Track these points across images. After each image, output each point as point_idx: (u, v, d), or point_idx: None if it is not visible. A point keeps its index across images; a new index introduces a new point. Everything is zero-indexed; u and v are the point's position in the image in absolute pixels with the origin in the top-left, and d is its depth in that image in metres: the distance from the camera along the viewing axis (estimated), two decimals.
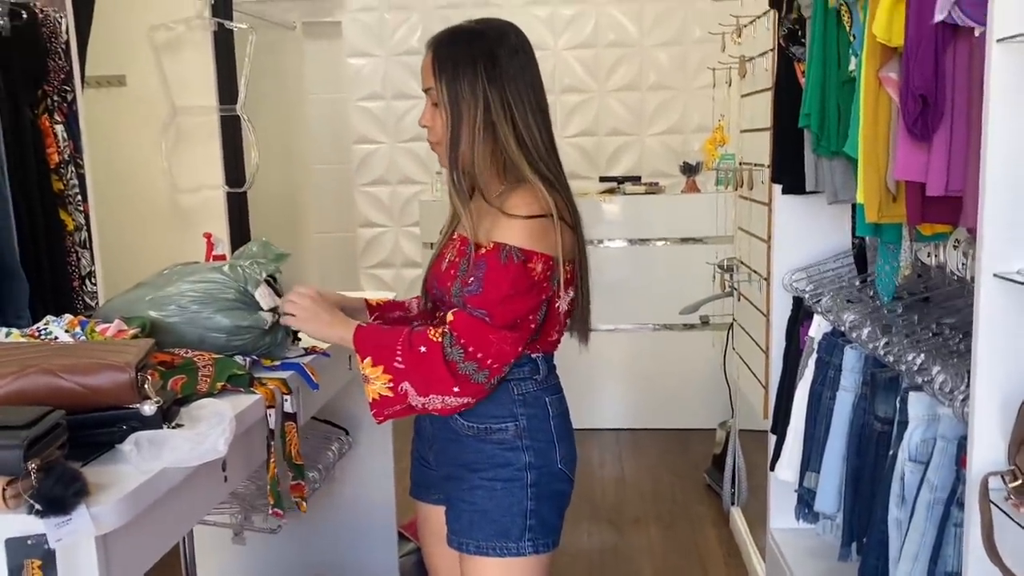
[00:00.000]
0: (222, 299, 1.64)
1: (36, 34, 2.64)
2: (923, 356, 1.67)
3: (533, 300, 1.54)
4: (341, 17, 5.04)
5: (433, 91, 1.59)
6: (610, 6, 4.92)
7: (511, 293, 1.51)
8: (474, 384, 1.52)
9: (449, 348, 1.51)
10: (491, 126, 1.56)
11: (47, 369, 1.24)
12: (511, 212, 1.54)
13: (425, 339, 1.52)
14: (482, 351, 1.51)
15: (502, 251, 1.52)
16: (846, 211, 2.36)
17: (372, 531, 2.55)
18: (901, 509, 1.65)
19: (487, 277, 1.52)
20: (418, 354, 1.51)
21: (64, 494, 1.06)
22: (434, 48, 1.61)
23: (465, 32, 1.62)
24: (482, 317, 1.51)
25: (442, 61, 1.58)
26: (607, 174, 4.81)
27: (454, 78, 1.56)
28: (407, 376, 1.52)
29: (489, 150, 1.59)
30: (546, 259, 1.54)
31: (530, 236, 1.53)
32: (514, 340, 1.53)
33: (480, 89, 1.55)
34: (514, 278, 1.51)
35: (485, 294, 1.52)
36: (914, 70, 1.49)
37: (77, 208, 2.76)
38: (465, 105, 1.56)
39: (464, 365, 1.51)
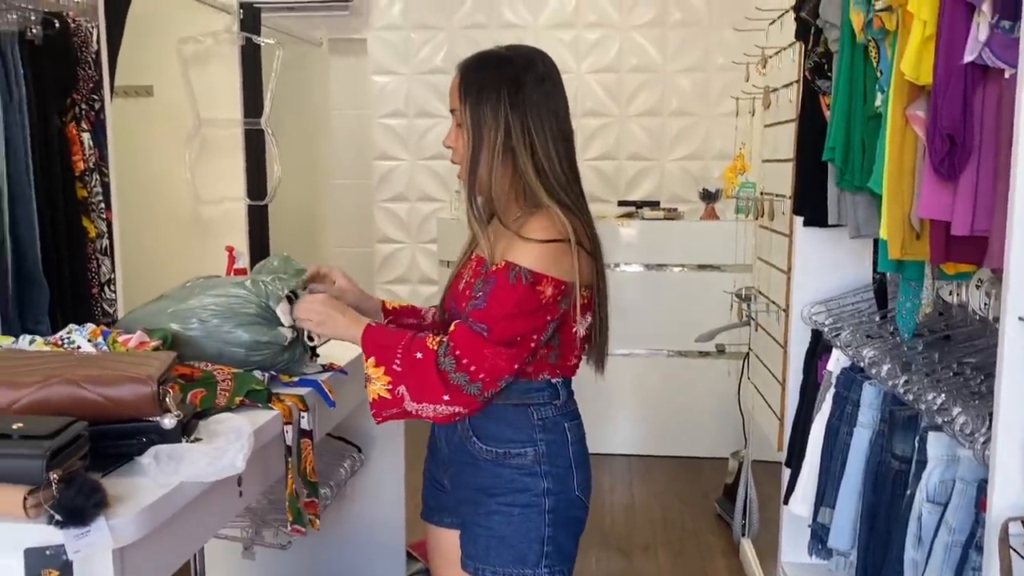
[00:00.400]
0: (243, 314, 1.65)
1: (68, 43, 2.68)
2: (943, 396, 1.65)
3: (537, 321, 1.54)
4: (367, 35, 5.09)
5: (458, 112, 1.62)
6: (634, 31, 4.94)
7: (514, 312, 1.52)
8: (466, 395, 1.53)
9: (443, 357, 1.52)
10: (511, 151, 1.58)
11: (70, 379, 1.25)
12: (527, 235, 1.55)
13: (422, 346, 1.54)
14: (475, 364, 1.51)
15: (511, 271, 1.53)
16: (867, 245, 2.35)
17: (380, 549, 2.54)
18: (918, 550, 1.63)
19: (492, 293, 1.53)
20: (414, 359, 1.53)
21: (84, 505, 1.07)
22: (462, 71, 1.63)
23: (493, 57, 1.64)
24: (480, 331, 1.52)
25: (468, 84, 1.61)
26: (626, 198, 4.82)
27: (478, 102, 1.58)
28: (403, 380, 1.53)
29: (508, 175, 1.60)
30: (557, 283, 1.54)
31: (543, 259, 1.53)
32: (509, 357, 1.53)
33: (502, 114, 1.57)
34: (520, 298, 1.52)
35: (488, 309, 1.53)
36: (942, 109, 1.48)
37: (100, 216, 2.79)
38: (487, 129, 1.58)
39: (455, 375, 1.51)
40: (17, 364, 1.32)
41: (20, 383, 1.25)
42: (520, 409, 1.61)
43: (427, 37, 5.08)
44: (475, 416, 1.62)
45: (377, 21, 5.09)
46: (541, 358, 1.61)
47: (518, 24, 4.99)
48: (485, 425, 1.62)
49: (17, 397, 1.23)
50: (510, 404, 1.61)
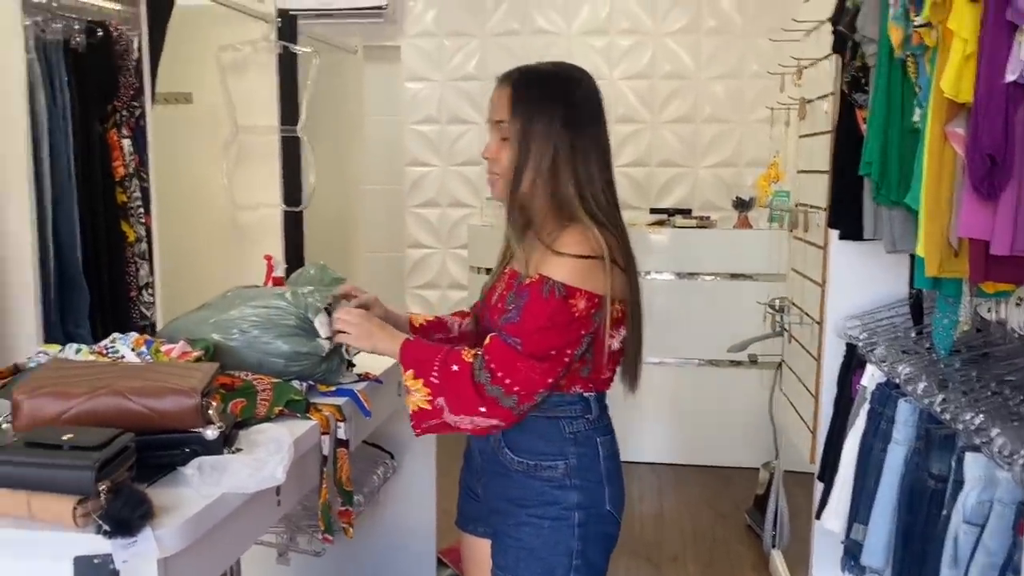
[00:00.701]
0: (283, 325, 1.68)
1: (110, 51, 2.73)
2: (982, 416, 1.64)
3: (571, 335, 1.55)
4: (401, 42, 5.13)
5: (505, 126, 1.61)
6: (667, 38, 4.94)
7: (547, 325, 1.53)
8: (502, 408, 1.54)
9: (478, 371, 1.54)
10: (556, 171, 1.59)
11: (117, 391, 1.28)
12: (560, 249, 1.55)
13: (458, 358, 1.56)
14: (510, 377, 1.53)
15: (545, 284, 1.54)
16: (903, 259, 2.33)
17: (412, 555, 2.56)
18: (953, 571, 1.62)
19: (526, 307, 1.54)
20: (450, 372, 1.55)
21: (131, 516, 1.09)
22: (513, 85, 1.62)
23: (545, 75, 1.64)
24: (514, 344, 1.53)
25: (520, 101, 1.60)
26: (657, 205, 4.81)
27: (529, 119, 1.58)
28: (441, 392, 1.55)
29: (549, 191, 1.61)
30: (590, 296, 1.54)
31: (576, 273, 1.54)
32: (543, 371, 1.54)
33: (553, 133, 1.58)
34: (553, 312, 1.53)
35: (521, 323, 1.54)
36: (983, 128, 1.47)
37: (139, 220, 2.83)
38: (536, 147, 1.58)
39: (491, 388, 1.53)
40: (65, 374, 1.35)
41: (68, 394, 1.28)
42: (552, 422, 1.62)
43: (460, 44, 5.11)
44: (507, 429, 1.63)
45: (411, 28, 5.13)
46: (574, 372, 1.62)
47: (551, 31, 5.01)
48: (517, 437, 1.64)
49: (66, 408, 1.26)
50: (542, 416, 1.62)
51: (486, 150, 1.66)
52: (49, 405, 1.26)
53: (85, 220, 2.59)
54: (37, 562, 1.14)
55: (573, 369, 1.61)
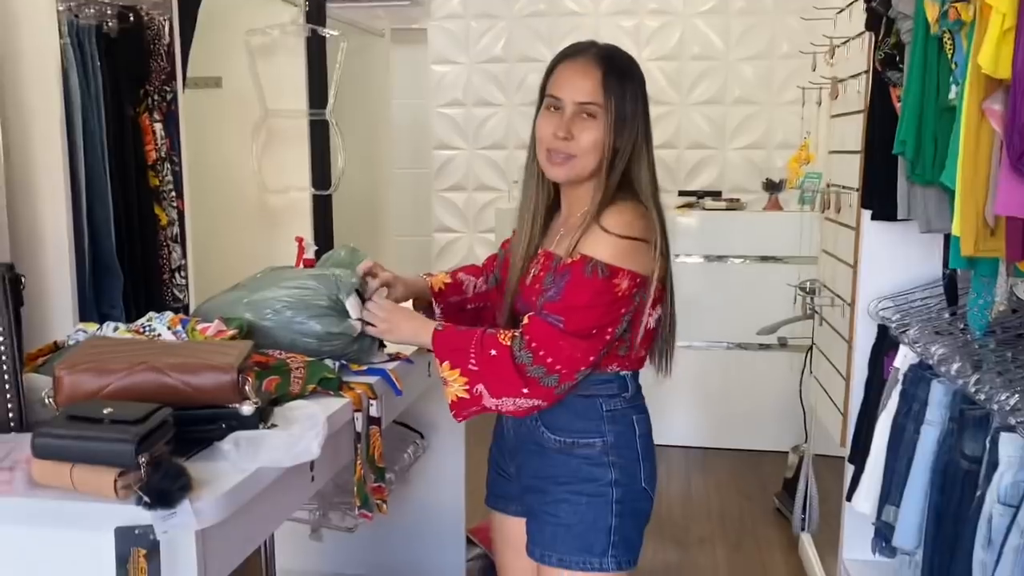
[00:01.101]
0: (315, 305, 1.69)
1: (141, 36, 2.76)
2: (1017, 396, 1.62)
3: (613, 314, 1.55)
4: (427, 24, 5.12)
5: (595, 107, 1.58)
6: (697, 19, 4.89)
7: (590, 304, 1.53)
8: (544, 388, 1.54)
9: (519, 351, 1.54)
10: (637, 153, 1.61)
11: (155, 367, 1.30)
12: (608, 228, 1.55)
13: (495, 343, 1.56)
14: (552, 356, 1.53)
15: (587, 264, 1.54)
16: (936, 240, 2.31)
17: (441, 534, 2.58)
18: (987, 552, 1.61)
19: (567, 286, 1.54)
20: (489, 357, 1.55)
21: (171, 488, 1.11)
22: (605, 67, 1.59)
23: (626, 56, 1.65)
24: (556, 323, 1.53)
25: (615, 82, 1.59)
26: (686, 188, 4.78)
27: (622, 99, 1.58)
28: (481, 378, 1.55)
29: (624, 174, 1.61)
30: (633, 276, 1.54)
31: (621, 253, 1.54)
32: (585, 349, 1.54)
33: (638, 117, 1.60)
34: (596, 291, 1.53)
35: (563, 301, 1.54)
36: (1021, 105, 1.45)
37: (171, 204, 2.87)
38: (628, 129, 1.59)
39: (533, 368, 1.53)
40: (104, 351, 1.37)
41: (108, 369, 1.30)
42: (589, 400, 1.63)
43: (487, 26, 5.09)
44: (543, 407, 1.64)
45: (438, 11, 5.12)
46: (612, 351, 1.62)
47: (579, 12, 4.98)
48: (554, 415, 1.64)
49: (106, 383, 1.29)
50: (579, 395, 1.63)
51: (560, 129, 1.60)
52: (89, 380, 1.28)
53: (118, 204, 2.62)
54: (79, 532, 1.16)
55: (612, 348, 1.61)
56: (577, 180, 1.63)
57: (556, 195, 1.73)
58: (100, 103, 2.57)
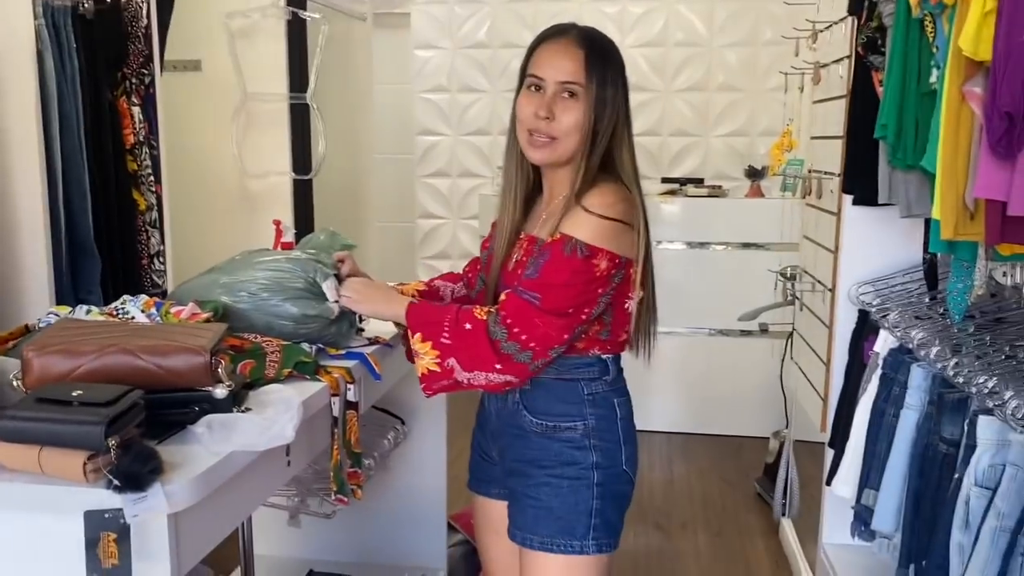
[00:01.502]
0: (291, 288, 1.67)
1: (118, 18, 2.72)
2: (995, 379, 1.63)
3: (590, 294, 1.54)
4: (410, 8, 5.08)
5: (577, 87, 1.58)
6: (680, 5, 4.87)
7: (567, 283, 1.53)
8: (517, 364, 1.54)
9: (494, 327, 1.53)
10: (617, 134, 1.60)
11: (127, 349, 1.28)
12: (589, 208, 1.55)
13: (471, 317, 1.55)
14: (526, 332, 1.52)
15: (567, 243, 1.53)
16: (917, 225, 2.31)
17: (423, 520, 2.58)
18: (964, 534, 1.61)
19: (546, 264, 1.54)
20: (463, 331, 1.54)
21: (141, 471, 1.10)
22: (587, 47, 1.59)
23: (606, 38, 1.64)
24: (532, 300, 1.53)
25: (597, 62, 1.58)
26: (669, 175, 4.78)
27: (603, 82, 1.58)
28: (453, 352, 1.55)
29: (605, 155, 1.61)
30: (612, 256, 1.54)
31: (601, 234, 1.53)
32: (560, 327, 1.53)
33: (619, 99, 1.60)
34: (574, 270, 1.52)
35: (541, 278, 1.54)
36: (1001, 87, 1.45)
37: (149, 188, 2.83)
38: (608, 111, 1.58)
39: (507, 344, 1.53)
40: (75, 333, 1.35)
41: (78, 351, 1.28)
42: (571, 384, 1.63)
43: (471, 11, 5.06)
44: (526, 390, 1.64)
45: None
46: (593, 335, 1.62)
47: None
48: (536, 399, 1.64)
49: (76, 365, 1.27)
50: (561, 379, 1.63)
51: (541, 108, 1.58)
52: (59, 363, 1.26)
53: (96, 188, 2.59)
54: (48, 516, 1.14)
55: (592, 332, 1.61)
56: (558, 162, 1.62)
57: (538, 178, 1.72)
58: (76, 86, 2.53)
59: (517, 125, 1.64)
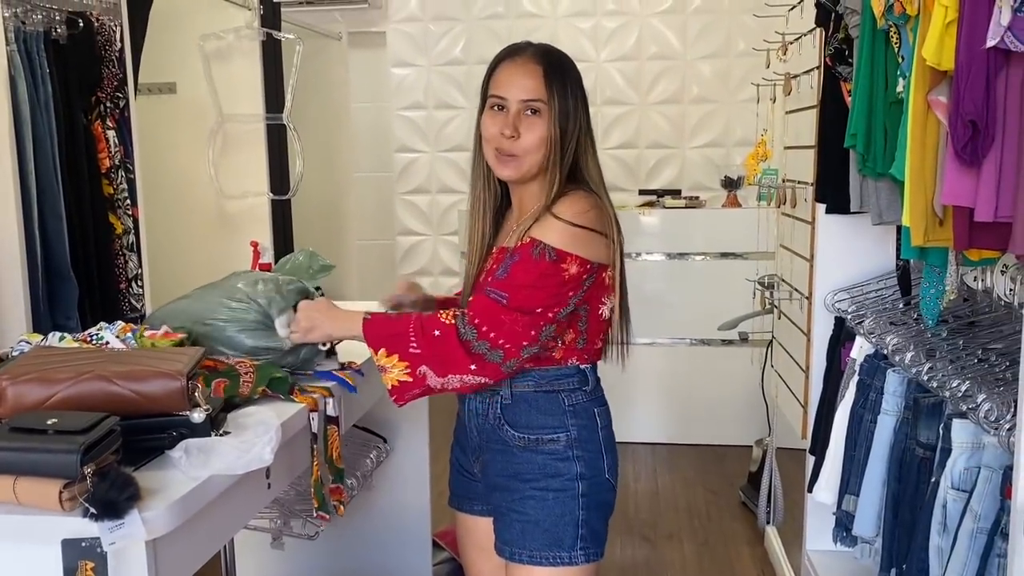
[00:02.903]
0: (244, 320, 1.67)
1: (92, 42, 2.72)
2: (968, 383, 1.65)
3: (560, 296, 1.55)
4: (385, 27, 5.11)
5: (539, 104, 1.60)
6: (654, 19, 4.92)
7: (535, 284, 1.54)
8: (490, 363, 1.54)
9: (462, 328, 1.53)
10: (581, 148, 1.63)
11: (102, 375, 1.28)
12: (559, 214, 1.56)
13: (437, 323, 1.55)
14: (494, 331, 1.53)
15: (535, 247, 1.55)
16: (890, 232, 2.34)
17: (407, 539, 2.57)
18: (943, 537, 1.63)
19: (514, 266, 1.56)
20: (432, 337, 1.54)
21: (118, 498, 1.09)
22: (545, 64, 1.61)
23: (562, 53, 1.67)
24: (499, 299, 1.54)
25: (555, 78, 1.60)
26: (647, 187, 4.80)
27: (564, 96, 1.60)
28: (424, 360, 1.54)
29: (571, 168, 1.63)
30: (582, 262, 1.55)
31: (571, 240, 1.55)
32: (526, 324, 1.54)
33: (580, 111, 1.62)
34: (542, 273, 1.54)
35: (508, 279, 1.55)
36: (964, 95, 1.47)
37: (126, 212, 2.83)
38: (571, 123, 1.61)
39: (478, 344, 1.53)
40: (50, 361, 1.34)
41: (53, 379, 1.27)
42: (551, 395, 1.63)
43: (445, 28, 5.09)
44: (507, 404, 1.64)
45: (396, 14, 5.11)
46: (570, 343, 1.62)
47: (537, 14, 4.99)
48: (517, 412, 1.64)
49: (51, 393, 1.26)
50: (541, 391, 1.63)
51: (506, 127, 1.60)
52: (33, 391, 1.26)
53: (72, 212, 2.58)
54: (25, 546, 1.14)
55: (568, 341, 1.62)
56: (526, 178, 1.64)
57: (505, 193, 1.73)
58: (50, 111, 2.52)
59: (484, 144, 1.67)
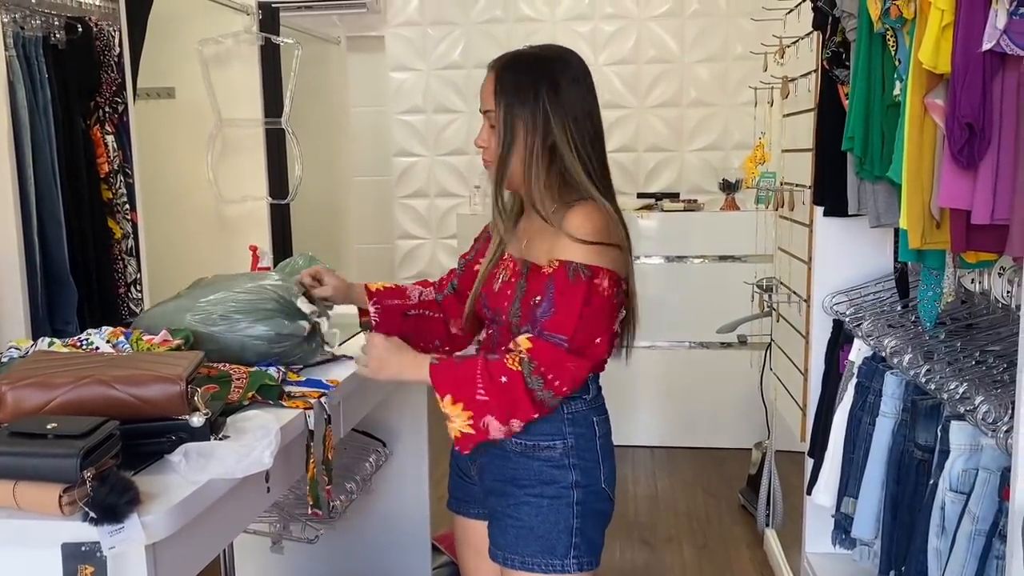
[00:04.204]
0: (262, 309, 1.68)
1: (90, 47, 2.72)
2: (966, 385, 1.65)
3: (607, 319, 1.55)
4: (384, 31, 5.11)
5: (492, 114, 1.61)
6: (652, 22, 4.93)
7: (584, 312, 1.52)
8: (546, 408, 1.55)
9: (529, 377, 1.51)
10: (554, 151, 1.59)
11: (102, 380, 1.28)
12: (573, 232, 1.54)
13: (504, 369, 1.51)
14: (560, 379, 1.52)
15: (568, 269, 1.53)
16: (888, 234, 2.34)
17: (406, 542, 2.57)
18: (941, 539, 1.63)
19: (558, 298, 1.52)
20: (500, 384, 1.51)
21: (117, 503, 1.09)
22: (497, 72, 1.62)
23: (528, 57, 1.64)
24: (560, 343, 1.52)
25: (504, 85, 1.60)
26: (645, 190, 4.81)
27: (514, 103, 1.58)
28: (490, 409, 1.51)
29: (545, 173, 1.60)
30: (611, 275, 1.55)
31: (596, 255, 1.54)
32: (587, 368, 1.55)
33: (540, 116, 1.57)
34: (585, 295, 1.52)
35: (559, 316, 1.52)
36: (961, 98, 1.48)
37: (125, 216, 2.83)
38: (522, 131, 1.58)
39: (543, 393, 1.52)
40: (49, 365, 1.35)
41: (53, 384, 1.28)
42: None
43: (444, 33, 5.09)
44: None
45: (394, 18, 5.11)
46: None
47: (535, 18, 4.99)
48: None
49: (50, 397, 1.26)
50: None
51: (478, 138, 1.66)
52: (33, 395, 1.26)
53: (71, 217, 2.58)
54: (25, 550, 1.14)
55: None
56: (512, 185, 1.64)
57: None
58: (49, 116, 2.52)
59: None
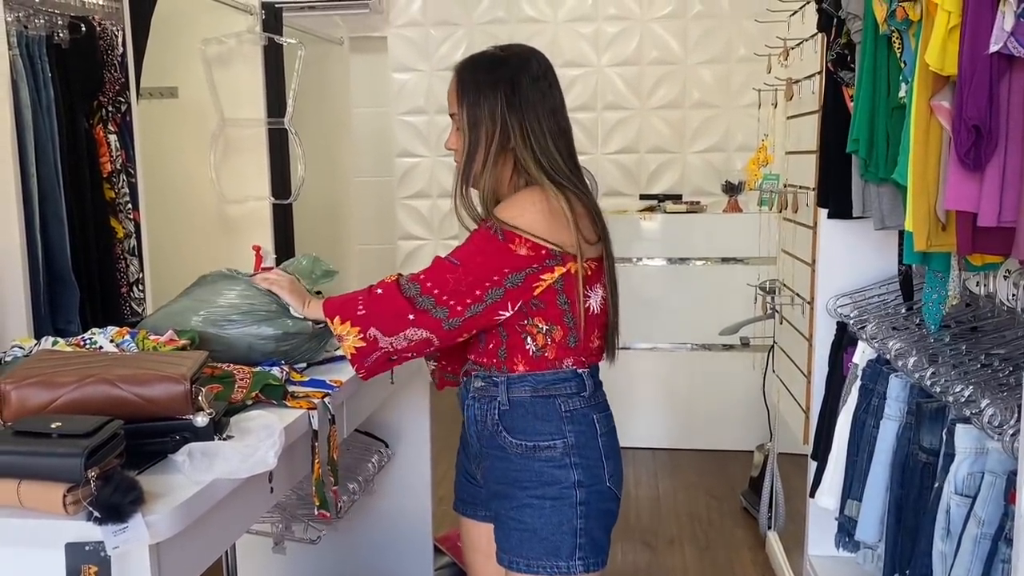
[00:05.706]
0: (265, 311, 1.69)
1: (94, 46, 2.72)
2: (971, 388, 1.65)
3: (508, 266, 1.56)
4: (387, 32, 5.11)
5: (457, 116, 1.64)
6: (654, 24, 4.93)
7: (486, 253, 1.57)
8: (432, 319, 1.57)
9: (406, 284, 1.59)
10: (510, 152, 1.62)
11: (106, 379, 1.28)
12: (508, 206, 1.59)
13: (381, 283, 1.62)
14: (438, 287, 1.56)
15: (486, 224, 1.59)
16: (892, 236, 2.34)
17: (408, 543, 2.56)
18: (946, 543, 1.63)
19: (469, 238, 1.60)
20: (375, 295, 1.60)
21: (121, 502, 1.09)
22: (458, 74, 1.66)
23: (488, 59, 1.66)
24: (450, 260, 1.59)
25: (464, 86, 1.63)
26: (647, 192, 4.80)
27: (474, 103, 1.61)
28: (370, 320, 1.58)
29: (507, 174, 1.64)
30: (534, 245, 1.55)
31: (519, 220, 1.56)
32: (471, 283, 1.56)
33: (500, 115, 1.60)
34: (495, 249, 1.56)
35: (461, 248, 1.60)
36: (968, 100, 1.47)
37: (127, 216, 2.83)
38: (484, 130, 1.61)
39: (421, 299, 1.57)
40: (54, 364, 1.34)
41: (57, 383, 1.27)
42: (547, 400, 1.63)
43: (447, 33, 5.09)
44: (504, 410, 1.64)
45: (397, 19, 5.11)
46: (560, 341, 1.61)
47: (538, 19, 5.00)
48: (514, 418, 1.64)
49: (54, 396, 1.26)
50: (538, 396, 1.63)
51: (447, 141, 1.69)
52: (37, 394, 1.26)
53: (73, 217, 2.58)
54: (29, 550, 1.14)
55: (558, 339, 1.61)
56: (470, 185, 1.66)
57: None
58: (52, 115, 2.52)
59: None
